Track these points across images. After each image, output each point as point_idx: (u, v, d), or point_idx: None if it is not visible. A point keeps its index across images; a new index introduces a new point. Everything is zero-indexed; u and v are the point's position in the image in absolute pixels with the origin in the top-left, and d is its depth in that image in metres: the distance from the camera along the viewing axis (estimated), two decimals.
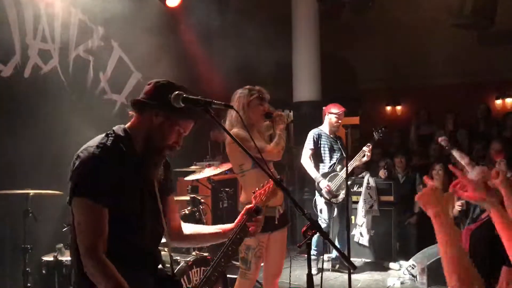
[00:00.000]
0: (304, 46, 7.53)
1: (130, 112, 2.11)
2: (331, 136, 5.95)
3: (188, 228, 2.38)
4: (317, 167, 5.87)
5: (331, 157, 5.89)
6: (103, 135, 2.03)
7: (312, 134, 5.89)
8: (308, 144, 5.85)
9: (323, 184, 5.72)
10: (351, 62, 10.67)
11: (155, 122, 2.02)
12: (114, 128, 2.07)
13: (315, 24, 7.58)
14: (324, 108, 5.98)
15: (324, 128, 5.95)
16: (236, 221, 2.26)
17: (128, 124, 2.10)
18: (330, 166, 5.88)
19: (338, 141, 6.00)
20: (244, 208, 2.24)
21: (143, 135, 2.04)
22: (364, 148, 5.65)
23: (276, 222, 3.57)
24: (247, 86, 3.69)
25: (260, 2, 8.44)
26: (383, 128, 5.81)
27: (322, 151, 5.88)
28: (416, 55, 9.70)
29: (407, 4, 9.20)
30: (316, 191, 5.95)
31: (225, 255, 2.13)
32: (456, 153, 5.71)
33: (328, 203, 5.83)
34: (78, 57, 5.64)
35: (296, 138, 7.92)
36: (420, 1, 8.95)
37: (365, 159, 5.71)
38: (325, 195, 5.75)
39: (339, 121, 5.86)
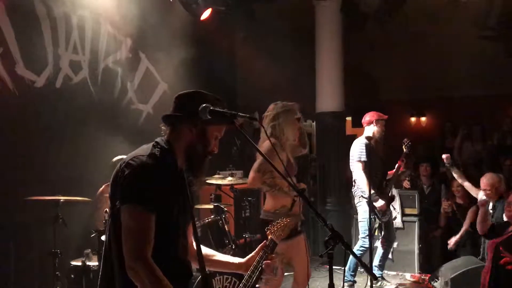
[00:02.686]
0: (327, 57, 7.56)
1: (163, 127, 2.16)
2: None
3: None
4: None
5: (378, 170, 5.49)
6: (150, 145, 2.09)
7: (363, 144, 5.32)
8: (361, 155, 5.31)
9: (380, 204, 5.37)
10: (374, 73, 10.62)
11: (194, 133, 2.09)
12: (157, 140, 2.12)
13: (339, 35, 7.62)
14: (368, 118, 5.53)
15: (368, 139, 5.32)
16: (250, 256, 2.29)
17: (167, 136, 2.14)
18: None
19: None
20: (259, 246, 2.28)
21: (184, 147, 2.10)
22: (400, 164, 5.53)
23: (299, 229, 3.65)
24: (285, 103, 3.77)
25: (284, 14, 8.52)
26: (409, 142, 5.59)
27: (369, 164, 5.29)
28: (441, 66, 9.61)
29: (431, 15, 9.16)
30: (360, 207, 5.52)
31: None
32: (455, 173, 5.61)
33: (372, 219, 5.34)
34: (107, 68, 5.81)
35: (318, 149, 7.94)
36: (444, 13, 8.90)
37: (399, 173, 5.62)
38: (378, 215, 5.49)
39: None
